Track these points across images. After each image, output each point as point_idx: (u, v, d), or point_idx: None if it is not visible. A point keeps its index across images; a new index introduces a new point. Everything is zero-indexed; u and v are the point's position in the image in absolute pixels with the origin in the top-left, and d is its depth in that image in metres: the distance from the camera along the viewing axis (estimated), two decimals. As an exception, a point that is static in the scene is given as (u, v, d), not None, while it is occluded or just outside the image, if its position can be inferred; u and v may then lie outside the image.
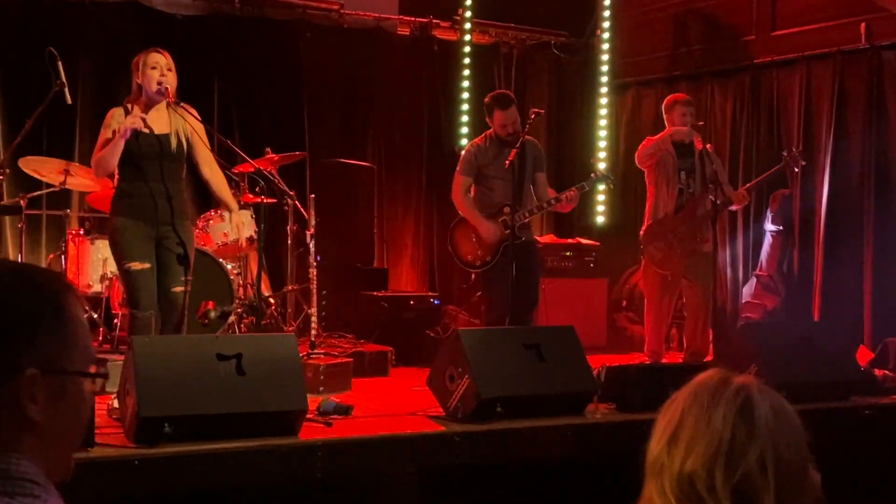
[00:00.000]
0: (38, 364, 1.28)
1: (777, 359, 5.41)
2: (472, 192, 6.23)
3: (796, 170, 6.71)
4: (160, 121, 4.91)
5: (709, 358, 6.23)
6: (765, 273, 7.63)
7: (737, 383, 1.53)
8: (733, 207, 6.54)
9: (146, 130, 4.87)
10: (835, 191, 7.36)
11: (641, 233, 6.52)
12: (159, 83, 4.83)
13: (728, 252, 8.07)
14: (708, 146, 6.47)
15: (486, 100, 6.23)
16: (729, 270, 8.09)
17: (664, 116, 6.56)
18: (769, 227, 7.66)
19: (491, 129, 6.16)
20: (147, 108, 4.90)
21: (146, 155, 4.85)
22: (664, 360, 6.51)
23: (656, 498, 1.49)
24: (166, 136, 4.91)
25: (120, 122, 4.84)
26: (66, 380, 1.32)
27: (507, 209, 5.96)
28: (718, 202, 6.15)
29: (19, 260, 6.29)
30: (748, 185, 6.70)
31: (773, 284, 7.58)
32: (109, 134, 4.84)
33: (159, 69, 4.86)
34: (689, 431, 1.49)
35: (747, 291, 7.76)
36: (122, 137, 4.76)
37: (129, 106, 4.91)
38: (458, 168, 6.21)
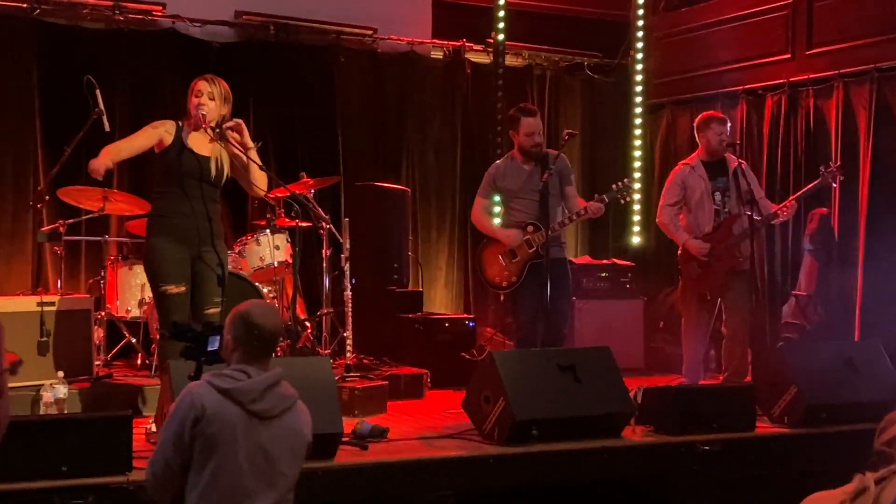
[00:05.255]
0: None
1: (817, 379, 5.33)
2: (502, 213, 6.26)
3: (834, 185, 6.61)
4: (203, 144, 5.01)
5: (748, 378, 6.14)
6: (804, 293, 7.53)
7: None
8: (779, 220, 6.43)
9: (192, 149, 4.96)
10: (874, 209, 7.26)
11: (679, 252, 6.48)
12: (198, 108, 4.94)
13: (767, 271, 7.99)
14: (742, 163, 6.40)
15: (511, 112, 6.22)
16: (768, 290, 8.00)
17: (696, 135, 6.51)
18: (808, 246, 7.56)
19: (513, 149, 6.16)
20: (194, 129, 5.00)
21: (187, 173, 4.93)
22: (703, 382, 6.44)
23: None
24: (206, 159, 4.99)
25: (168, 131, 4.96)
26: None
27: (530, 228, 5.94)
28: (756, 219, 6.08)
29: (59, 285, 6.37)
30: (795, 195, 6.56)
31: (812, 304, 7.48)
32: (153, 137, 4.96)
33: (201, 97, 4.98)
34: None
35: (786, 311, 7.66)
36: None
37: (181, 123, 5.03)
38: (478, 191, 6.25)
